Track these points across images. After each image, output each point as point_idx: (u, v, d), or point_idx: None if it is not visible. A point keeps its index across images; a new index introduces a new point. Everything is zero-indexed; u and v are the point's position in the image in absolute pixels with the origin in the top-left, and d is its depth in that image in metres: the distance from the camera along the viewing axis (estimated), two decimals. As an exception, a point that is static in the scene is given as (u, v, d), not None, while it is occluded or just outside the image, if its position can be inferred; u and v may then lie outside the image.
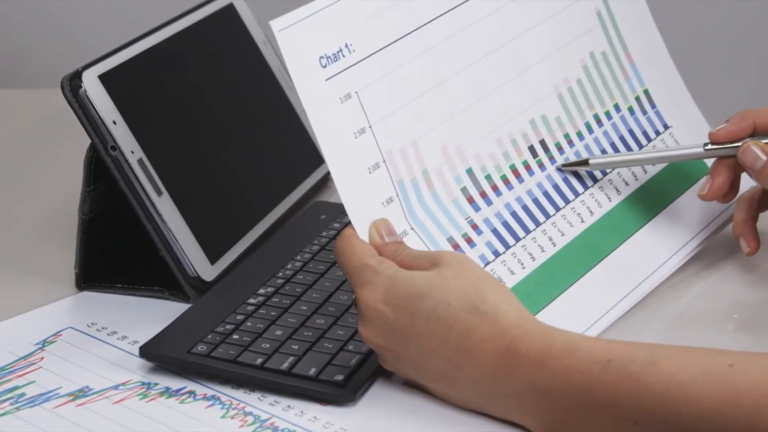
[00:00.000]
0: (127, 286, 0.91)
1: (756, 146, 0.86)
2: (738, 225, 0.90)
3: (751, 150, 0.86)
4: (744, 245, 0.90)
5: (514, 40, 0.90)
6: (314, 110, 0.78)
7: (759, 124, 0.87)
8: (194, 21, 1.01)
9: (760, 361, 0.68)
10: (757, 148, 0.86)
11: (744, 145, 0.86)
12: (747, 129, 0.87)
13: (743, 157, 0.86)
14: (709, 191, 0.88)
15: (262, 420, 0.75)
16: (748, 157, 0.86)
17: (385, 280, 0.75)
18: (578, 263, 0.87)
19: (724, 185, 0.88)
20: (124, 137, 0.88)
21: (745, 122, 0.87)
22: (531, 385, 0.71)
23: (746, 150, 0.86)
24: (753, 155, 0.85)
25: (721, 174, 0.88)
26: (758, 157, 0.85)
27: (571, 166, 0.89)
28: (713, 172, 0.89)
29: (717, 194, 0.88)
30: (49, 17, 1.63)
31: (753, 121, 0.87)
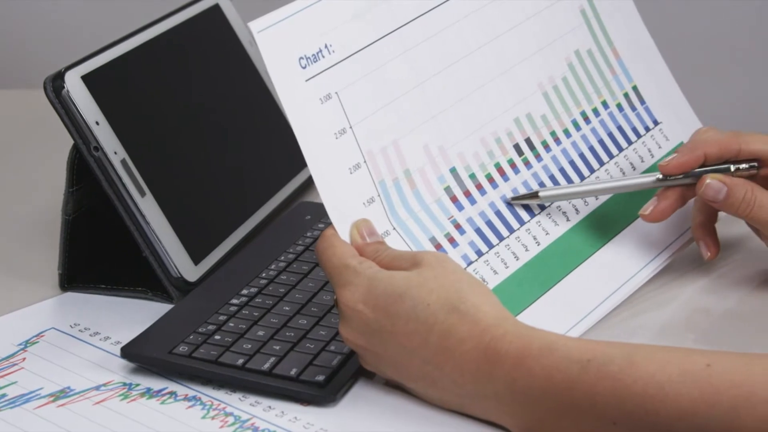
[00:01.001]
0: (110, 287, 0.91)
1: (714, 180, 0.85)
2: (697, 229, 0.89)
3: (711, 186, 0.85)
4: (704, 250, 0.89)
5: (496, 39, 0.89)
6: (294, 111, 0.78)
7: (710, 155, 0.86)
8: (179, 21, 1.01)
9: (738, 361, 0.68)
10: (716, 182, 0.85)
11: (702, 182, 0.85)
12: (698, 159, 0.86)
13: (705, 194, 0.85)
14: (651, 213, 0.87)
15: (242, 420, 0.75)
16: (709, 192, 0.85)
17: (365, 280, 0.75)
18: (562, 263, 0.87)
19: (668, 210, 0.87)
20: (107, 138, 0.88)
21: (696, 153, 0.86)
22: (510, 386, 0.71)
23: (707, 187, 0.85)
24: (713, 190, 0.85)
25: (669, 198, 0.87)
26: (719, 189, 0.85)
27: (521, 199, 0.87)
28: (660, 195, 0.87)
29: (660, 218, 0.87)
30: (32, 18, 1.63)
31: (704, 152, 0.86)
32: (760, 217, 0.85)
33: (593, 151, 0.93)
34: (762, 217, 0.85)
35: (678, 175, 0.86)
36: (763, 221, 0.85)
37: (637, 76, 0.97)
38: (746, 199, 0.84)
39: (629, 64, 0.97)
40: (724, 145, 0.86)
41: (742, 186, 0.85)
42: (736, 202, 0.85)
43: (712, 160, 0.86)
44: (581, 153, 0.92)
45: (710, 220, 0.89)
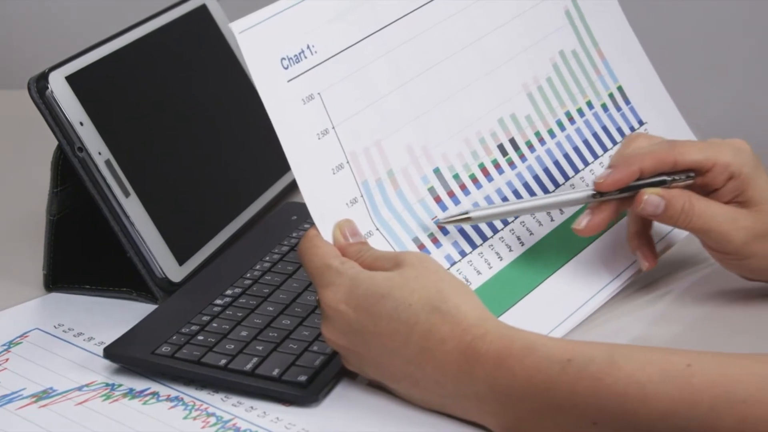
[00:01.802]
0: (95, 287, 0.91)
1: (651, 196, 0.83)
2: (632, 239, 0.88)
3: (650, 202, 0.83)
4: (641, 260, 0.87)
5: (480, 40, 0.90)
6: (276, 111, 0.78)
7: (645, 169, 0.84)
8: (166, 22, 1.01)
9: (718, 361, 0.68)
10: (654, 197, 0.83)
11: (640, 200, 0.83)
12: (633, 175, 0.84)
13: (644, 210, 0.83)
14: (586, 227, 0.84)
15: (224, 421, 0.75)
16: (649, 208, 0.83)
17: (347, 280, 0.75)
18: (546, 263, 0.87)
19: (602, 224, 0.85)
20: (91, 138, 0.88)
21: (631, 169, 0.84)
22: (491, 385, 0.71)
23: (645, 203, 0.83)
24: (652, 205, 0.83)
25: (603, 212, 0.84)
26: (658, 204, 0.83)
27: (451, 220, 0.83)
28: (594, 209, 0.85)
29: (594, 232, 0.85)
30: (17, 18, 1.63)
31: (639, 168, 0.84)
32: (699, 226, 0.83)
33: (578, 151, 0.93)
34: (701, 226, 0.83)
35: (614, 191, 0.84)
36: (702, 230, 0.84)
37: (622, 77, 0.97)
38: (685, 210, 0.83)
39: (614, 65, 0.97)
40: (659, 157, 0.84)
41: (680, 197, 0.83)
42: (675, 215, 0.83)
43: (647, 174, 0.84)
44: (566, 153, 0.92)
45: (645, 230, 0.88)
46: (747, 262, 0.85)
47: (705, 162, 0.84)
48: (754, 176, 0.84)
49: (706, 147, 0.84)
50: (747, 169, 0.84)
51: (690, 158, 0.84)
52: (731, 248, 0.84)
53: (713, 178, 0.84)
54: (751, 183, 0.84)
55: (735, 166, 0.84)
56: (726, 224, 0.83)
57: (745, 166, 0.84)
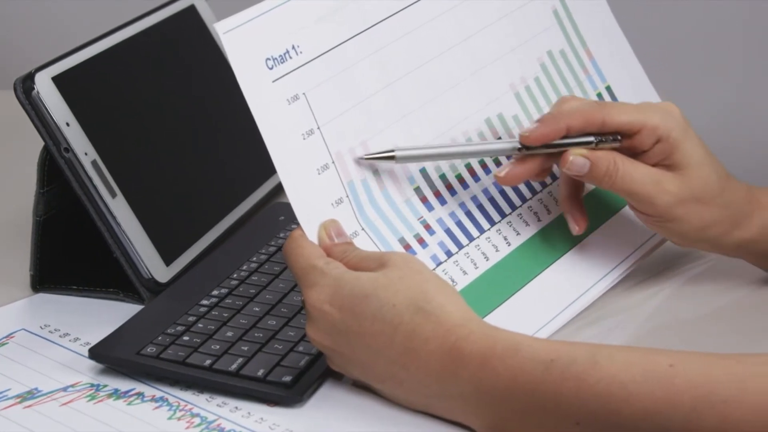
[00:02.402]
0: (81, 288, 0.91)
1: (576, 156, 0.83)
2: (564, 201, 0.87)
3: (575, 162, 0.83)
4: (572, 224, 0.87)
5: (467, 39, 0.89)
6: (261, 112, 0.78)
7: (573, 127, 0.84)
8: (154, 22, 1.01)
9: (700, 361, 0.68)
10: (579, 158, 0.83)
11: (566, 159, 0.83)
12: (560, 132, 0.83)
13: (570, 170, 0.83)
14: (506, 176, 0.84)
15: (208, 421, 0.75)
16: (574, 168, 0.83)
17: (331, 281, 0.75)
18: (533, 263, 0.87)
19: (522, 175, 0.84)
20: (77, 139, 0.88)
21: (559, 125, 0.83)
22: (475, 386, 0.71)
23: (571, 164, 0.83)
24: (577, 165, 0.83)
25: (527, 164, 0.84)
26: (583, 164, 0.83)
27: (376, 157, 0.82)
28: (519, 160, 0.84)
29: (513, 182, 0.85)
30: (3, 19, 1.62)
31: (566, 124, 0.83)
32: (623, 188, 0.83)
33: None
34: (625, 188, 0.83)
35: (539, 146, 0.84)
36: (626, 191, 0.84)
37: (610, 76, 0.97)
38: (609, 172, 0.83)
39: (603, 64, 0.97)
40: (588, 116, 0.84)
41: (605, 158, 0.83)
42: (599, 175, 0.83)
43: (574, 132, 0.84)
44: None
45: (577, 193, 0.87)
46: (672, 225, 0.85)
47: (633, 124, 0.84)
48: (681, 140, 0.84)
49: (635, 110, 0.84)
50: (675, 133, 0.84)
51: (618, 119, 0.84)
52: (655, 211, 0.84)
53: (641, 140, 0.84)
54: (679, 147, 0.84)
55: (663, 130, 0.84)
56: (650, 186, 0.83)
57: (673, 130, 0.84)
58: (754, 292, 0.91)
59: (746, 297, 0.90)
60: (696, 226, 0.85)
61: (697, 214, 0.84)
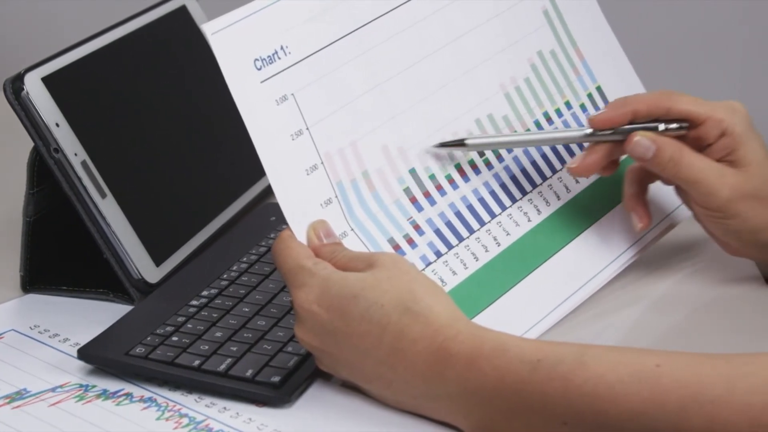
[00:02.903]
0: (72, 288, 0.91)
1: (643, 138, 0.85)
2: (628, 200, 0.89)
3: (640, 143, 0.84)
4: (635, 221, 0.89)
5: (457, 40, 0.89)
6: (249, 112, 0.78)
7: (639, 112, 0.86)
8: (144, 23, 1.01)
9: (687, 361, 0.68)
10: (645, 140, 0.85)
11: (631, 140, 0.85)
12: (626, 116, 0.86)
13: (633, 151, 0.85)
14: (578, 166, 0.86)
15: (197, 422, 0.75)
16: (638, 150, 0.85)
17: (319, 281, 0.75)
18: (523, 264, 0.87)
19: (595, 165, 0.86)
20: (66, 139, 0.88)
21: (625, 109, 0.86)
22: (462, 386, 0.71)
23: (636, 144, 0.85)
24: (642, 147, 0.84)
25: (597, 153, 0.86)
26: (648, 147, 0.84)
27: (447, 146, 0.86)
28: (589, 150, 0.87)
29: (585, 172, 0.87)
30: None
31: (633, 109, 0.86)
32: (687, 176, 0.84)
33: (555, 152, 0.93)
34: (688, 177, 0.84)
35: (606, 130, 0.86)
36: (689, 180, 0.84)
37: (601, 77, 0.97)
38: (673, 158, 0.84)
39: (593, 65, 0.97)
40: (654, 102, 0.85)
41: (670, 145, 0.84)
42: (663, 161, 0.84)
43: (641, 118, 0.85)
44: (543, 154, 0.92)
45: (642, 192, 0.89)
46: (729, 222, 0.85)
47: (699, 114, 0.85)
48: (746, 137, 0.85)
49: (701, 101, 0.86)
50: (739, 128, 0.84)
51: (684, 107, 0.85)
52: (716, 204, 0.84)
53: (706, 132, 0.85)
54: (743, 143, 0.84)
55: (728, 124, 0.84)
56: (713, 178, 0.84)
57: (738, 125, 0.85)
58: (746, 292, 0.91)
59: (737, 297, 0.90)
60: (753, 226, 0.85)
61: (757, 211, 0.85)
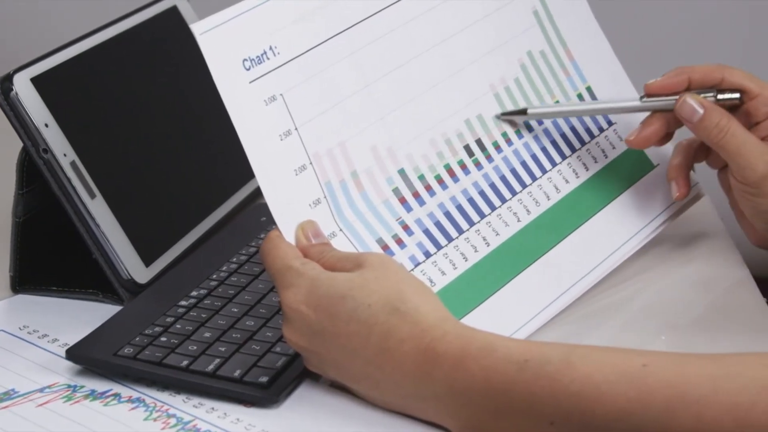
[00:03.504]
0: (61, 289, 0.91)
1: (693, 99, 0.87)
2: (672, 169, 0.93)
3: (689, 103, 0.87)
4: (674, 189, 0.92)
5: (447, 40, 0.89)
6: (237, 112, 0.78)
7: (694, 80, 0.89)
8: (135, 23, 1.01)
9: (673, 361, 0.68)
10: (694, 102, 0.87)
11: (681, 99, 0.88)
12: (682, 83, 0.89)
13: (681, 110, 0.88)
14: (636, 138, 0.90)
15: (184, 422, 0.75)
16: (686, 110, 0.87)
17: (307, 281, 0.75)
18: (512, 263, 0.87)
19: (652, 136, 0.90)
20: (56, 140, 0.88)
21: (681, 77, 0.89)
22: (450, 386, 0.71)
23: (684, 103, 0.88)
24: (690, 108, 0.87)
25: (653, 125, 0.90)
26: (695, 110, 0.87)
27: (510, 115, 0.91)
28: (645, 122, 0.90)
29: (643, 144, 0.91)
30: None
31: (688, 77, 0.89)
32: (730, 146, 0.87)
33: (545, 151, 0.93)
34: (731, 146, 0.86)
35: (661, 96, 0.89)
36: (731, 151, 0.87)
37: (591, 77, 0.97)
38: (720, 126, 0.87)
39: (583, 65, 0.97)
40: (709, 72, 0.89)
41: (718, 112, 0.87)
42: (710, 126, 0.87)
43: (695, 86, 0.89)
44: (533, 154, 0.92)
45: (687, 163, 0.93)
46: (760, 201, 0.87)
47: (752, 89, 0.88)
48: None
49: (755, 78, 0.89)
50: None
51: (738, 80, 0.88)
52: (752, 178, 0.86)
53: (755, 108, 0.88)
54: None
55: None
56: (754, 152, 0.86)
57: None
58: (734, 294, 0.91)
59: (725, 298, 0.90)
60: None
61: None
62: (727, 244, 0.98)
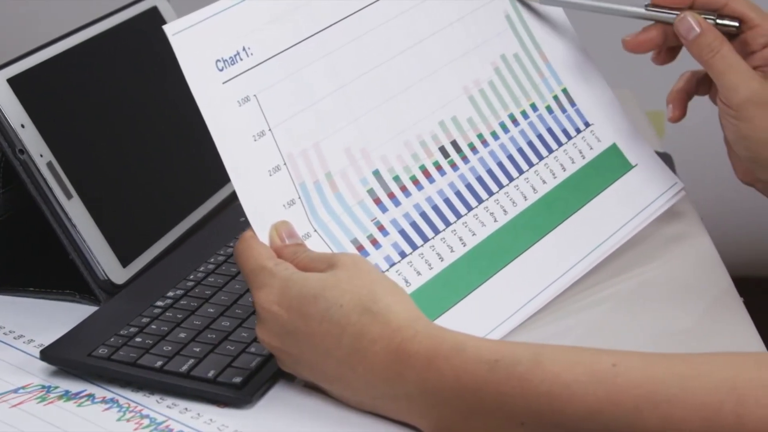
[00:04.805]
0: (38, 290, 0.91)
1: (692, 17, 0.90)
2: (672, 93, 0.97)
3: (687, 20, 0.90)
4: (669, 111, 0.95)
5: (421, 42, 0.90)
6: (211, 113, 0.78)
7: (699, 1, 0.91)
8: (114, 24, 1.01)
9: (643, 361, 0.68)
10: (692, 20, 0.90)
11: (681, 15, 0.91)
12: (686, 1, 0.92)
13: (679, 26, 0.90)
14: (632, 39, 0.93)
15: (157, 423, 0.75)
16: (684, 26, 0.90)
17: (280, 282, 0.75)
18: (489, 264, 0.87)
19: (646, 42, 0.93)
20: (32, 141, 0.88)
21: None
22: (421, 386, 0.71)
23: (682, 20, 0.90)
24: (688, 25, 0.90)
25: (651, 33, 0.93)
26: (692, 27, 0.90)
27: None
28: (645, 29, 0.94)
29: (636, 47, 0.94)
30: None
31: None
32: (717, 66, 0.89)
33: (522, 152, 0.93)
34: (719, 67, 0.89)
35: (666, 8, 0.92)
36: (718, 71, 0.89)
37: (566, 79, 0.98)
38: (712, 46, 0.89)
39: (558, 68, 0.97)
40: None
41: (713, 33, 0.90)
42: (702, 45, 0.90)
43: (699, 6, 0.91)
44: (510, 155, 0.92)
45: (687, 90, 0.96)
46: (741, 125, 0.89)
47: (752, 18, 0.91)
48: None
49: (758, 9, 0.91)
50: None
51: (740, 8, 0.91)
52: (734, 100, 0.89)
53: (753, 38, 0.91)
54: None
55: None
56: (740, 76, 0.89)
57: None
58: (708, 294, 0.91)
59: (699, 299, 0.91)
60: (762, 137, 0.89)
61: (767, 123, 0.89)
62: (706, 244, 0.98)
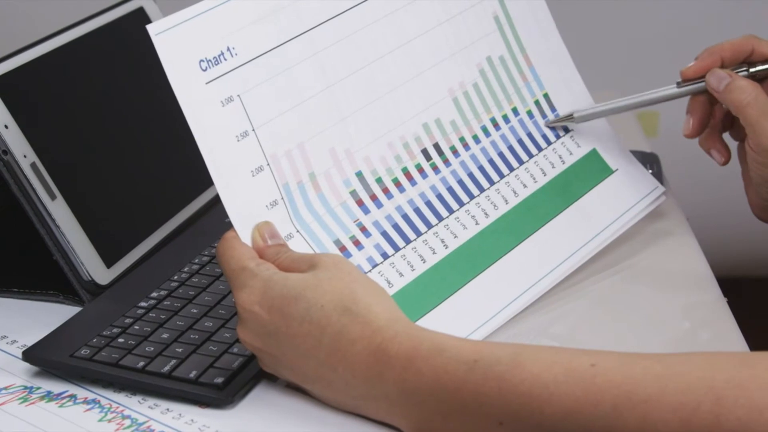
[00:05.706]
0: (22, 290, 0.91)
1: (721, 71, 0.91)
2: (705, 141, 0.96)
3: (717, 73, 0.91)
4: (717, 157, 0.96)
5: (408, 43, 0.90)
6: (193, 114, 0.78)
7: (726, 58, 0.92)
8: (100, 25, 1.01)
9: (621, 361, 0.69)
10: (721, 72, 0.91)
11: (709, 72, 0.92)
12: (715, 63, 0.92)
13: (710, 80, 0.91)
14: (693, 128, 0.94)
15: (139, 423, 0.75)
16: (713, 80, 0.91)
17: (261, 282, 0.76)
18: (470, 266, 0.88)
19: (699, 123, 0.94)
20: (16, 141, 0.88)
21: (713, 57, 0.92)
22: (400, 386, 0.72)
23: (711, 74, 0.91)
24: (718, 76, 0.91)
25: (698, 110, 0.94)
26: (723, 77, 0.90)
27: (558, 122, 0.96)
28: (691, 110, 0.94)
29: (698, 131, 0.95)
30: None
31: (720, 56, 0.92)
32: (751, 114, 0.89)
33: (503, 157, 0.93)
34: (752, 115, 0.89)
35: (697, 79, 0.92)
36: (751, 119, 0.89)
37: (548, 84, 0.98)
38: (744, 93, 0.90)
39: (541, 72, 0.98)
40: (738, 47, 0.92)
41: (745, 81, 0.90)
42: (734, 91, 0.90)
43: (728, 63, 0.92)
44: (490, 159, 0.93)
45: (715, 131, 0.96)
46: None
47: None
48: None
49: None
50: None
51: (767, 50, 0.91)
52: (763, 146, 0.89)
53: None
54: None
55: None
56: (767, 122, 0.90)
57: None
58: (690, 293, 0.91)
59: (680, 297, 0.91)
60: None
61: None
62: (691, 244, 0.99)
